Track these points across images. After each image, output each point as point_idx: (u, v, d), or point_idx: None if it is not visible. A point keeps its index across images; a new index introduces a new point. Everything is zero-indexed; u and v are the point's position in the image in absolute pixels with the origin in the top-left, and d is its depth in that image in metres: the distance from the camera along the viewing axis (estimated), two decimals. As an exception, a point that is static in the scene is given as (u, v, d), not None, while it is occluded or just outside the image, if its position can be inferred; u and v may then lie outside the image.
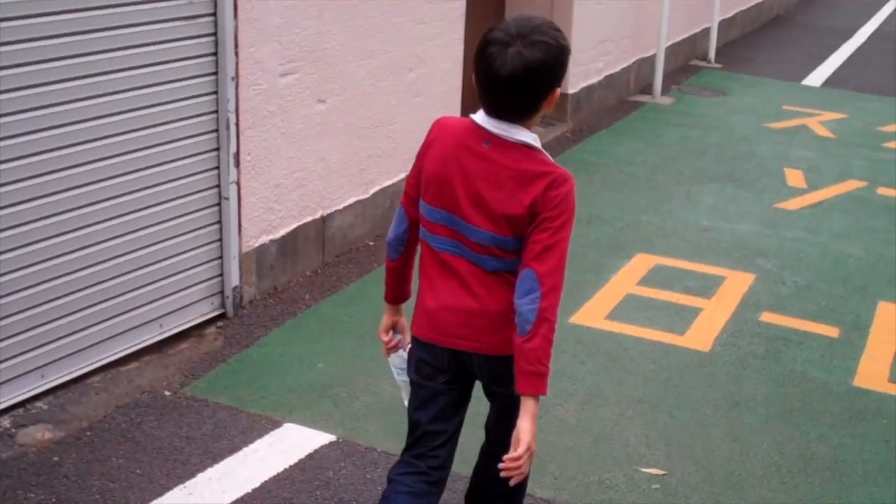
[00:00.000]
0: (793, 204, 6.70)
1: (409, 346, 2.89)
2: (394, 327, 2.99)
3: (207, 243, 4.50)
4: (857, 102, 9.91)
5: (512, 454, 2.54)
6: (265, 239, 4.83)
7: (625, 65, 9.26)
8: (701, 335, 4.77)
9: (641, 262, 5.54)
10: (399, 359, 2.99)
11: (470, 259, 2.64)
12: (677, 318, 4.93)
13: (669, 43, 9.94)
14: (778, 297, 5.22)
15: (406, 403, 2.95)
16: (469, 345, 2.70)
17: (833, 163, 7.74)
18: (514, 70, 2.46)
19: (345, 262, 5.34)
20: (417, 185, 2.71)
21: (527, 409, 2.57)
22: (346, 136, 5.30)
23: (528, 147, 2.57)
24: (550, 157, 2.61)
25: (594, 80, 8.61)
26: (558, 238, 2.55)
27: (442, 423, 2.83)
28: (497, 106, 2.56)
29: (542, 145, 2.62)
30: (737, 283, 5.35)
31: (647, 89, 9.55)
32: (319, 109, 5.04)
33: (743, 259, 5.72)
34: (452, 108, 6.28)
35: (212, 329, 4.55)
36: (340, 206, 5.36)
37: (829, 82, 10.84)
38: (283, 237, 4.95)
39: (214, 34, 4.30)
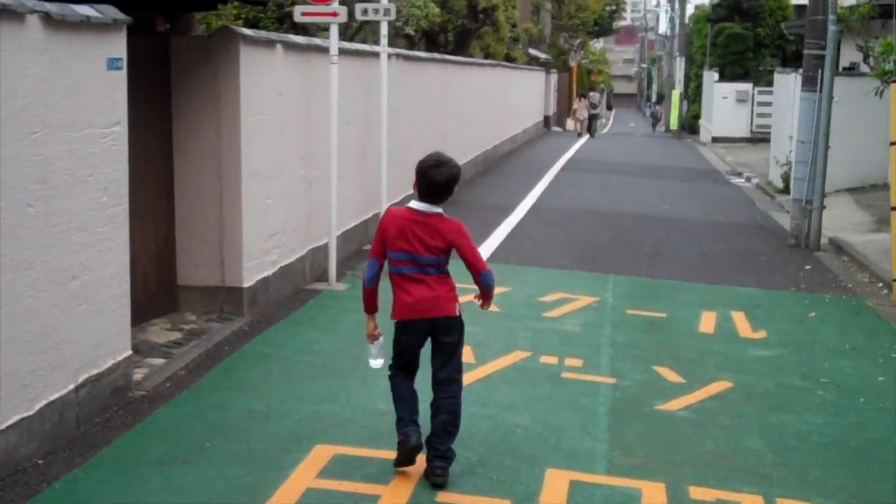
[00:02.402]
0: (464, 380, 7.00)
1: (382, 337, 5.48)
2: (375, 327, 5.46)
3: None
4: (519, 275, 10.63)
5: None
6: (-84, 471, 4.51)
7: (299, 255, 9.51)
8: (381, 522, 4.84)
9: (321, 454, 5.60)
10: (377, 344, 5.50)
11: (424, 273, 5.20)
12: (357, 507, 5.00)
13: (341, 231, 10.32)
14: (451, 476, 5.40)
15: (371, 361, 5.59)
16: (436, 313, 5.24)
17: (499, 336, 8.21)
18: (446, 177, 5.18)
19: (10, 485, 5.05)
20: (383, 243, 5.26)
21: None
22: (5, 353, 5.10)
23: (440, 214, 5.23)
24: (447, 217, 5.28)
25: (269, 272, 8.77)
26: (470, 250, 5.26)
27: (415, 363, 5.48)
28: (433, 196, 5.20)
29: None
30: (413, 466, 5.49)
31: (323, 276, 9.82)
32: (-26, 328, 4.84)
33: (419, 440, 5.88)
34: (121, 314, 6.19)
35: None
36: (2, 427, 5.10)
37: (493, 257, 11.55)
38: (-62, 466, 4.65)
39: None
